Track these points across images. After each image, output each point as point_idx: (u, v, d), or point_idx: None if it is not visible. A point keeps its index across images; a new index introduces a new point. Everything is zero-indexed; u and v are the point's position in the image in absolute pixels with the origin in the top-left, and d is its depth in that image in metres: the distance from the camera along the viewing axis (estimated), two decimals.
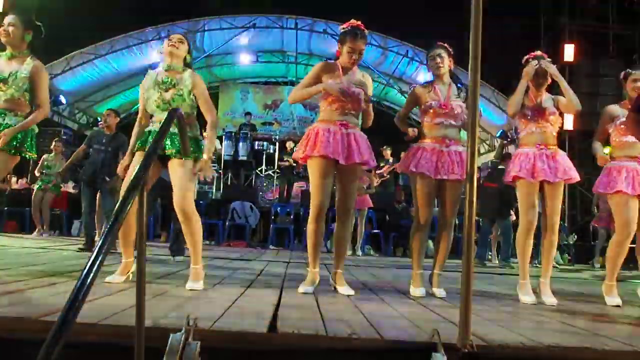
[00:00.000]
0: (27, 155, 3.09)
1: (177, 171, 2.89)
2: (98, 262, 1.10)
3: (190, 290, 2.79)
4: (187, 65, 3.06)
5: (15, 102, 3.04)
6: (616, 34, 11.24)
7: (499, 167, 7.17)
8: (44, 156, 8.02)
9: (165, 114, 2.90)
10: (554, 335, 2.08)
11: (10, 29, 3.04)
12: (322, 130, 3.05)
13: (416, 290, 3.21)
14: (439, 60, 3.37)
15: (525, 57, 3.39)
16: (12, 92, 3.01)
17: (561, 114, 3.34)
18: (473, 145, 1.76)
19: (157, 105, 2.95)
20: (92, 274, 1.07)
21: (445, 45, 3.40)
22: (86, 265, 1.08)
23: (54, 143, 8.36)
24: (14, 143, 2.99)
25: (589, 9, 11.50)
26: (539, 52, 3.38)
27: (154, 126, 2.98)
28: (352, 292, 3.03)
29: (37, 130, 3.19)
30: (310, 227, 3.07)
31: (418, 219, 3.30)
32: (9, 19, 3.08)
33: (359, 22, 3.08)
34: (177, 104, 2.90)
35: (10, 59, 3.07)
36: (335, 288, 3.12)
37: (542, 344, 1.82)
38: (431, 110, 3.29)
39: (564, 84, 3.27)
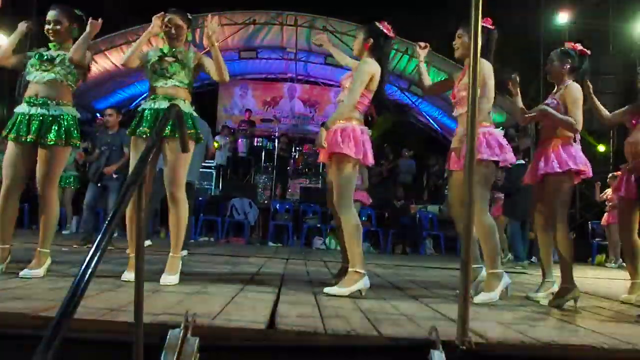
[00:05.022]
0: (76, 144, 3.03)
1: (170, 155, 2.89)
2: (96, 258, 1.10)
3: (164, 285, 2.72)
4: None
5: (58, 85, 2.95)
6: (615, 31, 11.22)
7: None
8: None
9: (162, 82, 2.96)
10: (553, 332, 2.09)
11: (58, 27, 2.97)
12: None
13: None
14: (455, 40, 3.13)
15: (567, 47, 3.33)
16: (57, 70, 2.94)
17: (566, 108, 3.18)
18: (472, 142, 1.76)
19: (157, 73, 2.97)
20: (90, 270, 1.07)
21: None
22: (84, 261, 1.08)
23: None
24: (62, 135, 2.92)
25: (588, 6, 11.49)
26: (578, 45, 3.31)
27: (153, 103, 2.96)
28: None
29: (78, 115, 3.13)
30: None
31: None
32: (53, 15, 2.98)
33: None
34: (174, 70, 2.95)
35: (57, 50, 3.01)
36: None
37: (540, 341, 1.83)
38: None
39: (555, 117, 3.13)
